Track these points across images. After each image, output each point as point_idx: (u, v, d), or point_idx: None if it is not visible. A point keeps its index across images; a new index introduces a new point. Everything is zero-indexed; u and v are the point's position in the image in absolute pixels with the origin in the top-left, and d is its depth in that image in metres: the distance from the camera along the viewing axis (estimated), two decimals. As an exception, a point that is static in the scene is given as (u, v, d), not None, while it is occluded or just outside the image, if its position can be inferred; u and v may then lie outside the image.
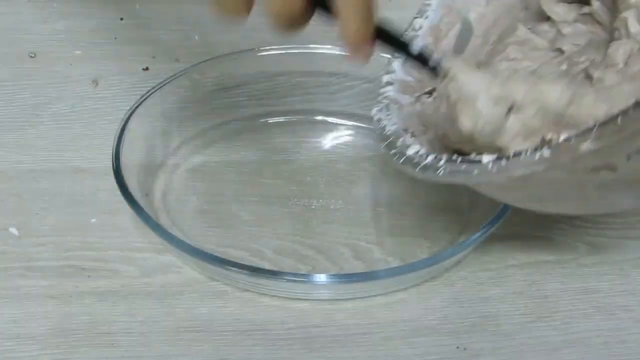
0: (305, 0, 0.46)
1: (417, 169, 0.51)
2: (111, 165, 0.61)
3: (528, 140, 0.50)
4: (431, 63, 0.47)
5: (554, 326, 0.57)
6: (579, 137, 0.46)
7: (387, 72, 0.57)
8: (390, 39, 0.46)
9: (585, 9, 0.61)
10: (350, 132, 0.72)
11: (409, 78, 0.57)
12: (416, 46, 0.47)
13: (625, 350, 0.56)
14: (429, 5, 0.60)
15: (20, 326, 0.56)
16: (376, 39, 0.45)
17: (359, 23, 0.44)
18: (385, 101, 0.55)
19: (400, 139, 0.53)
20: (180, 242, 0.57)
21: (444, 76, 0.47)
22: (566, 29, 0.61)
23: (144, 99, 0.66)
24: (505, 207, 0.58)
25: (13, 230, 0.62)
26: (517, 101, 0.49)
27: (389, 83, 0.57)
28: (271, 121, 0.72)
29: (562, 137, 0.48)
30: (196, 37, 0.82)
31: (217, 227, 0.63)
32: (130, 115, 0.65)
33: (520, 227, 0.62)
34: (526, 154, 0.47)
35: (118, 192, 0.59)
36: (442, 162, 0.50)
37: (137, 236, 0.62)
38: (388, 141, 0.53)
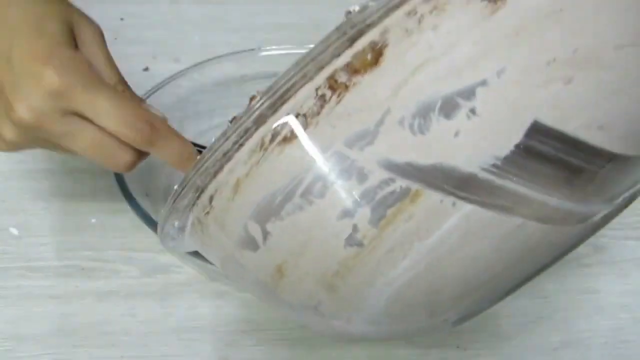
0: (132, 159, 0.51)
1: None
2: (111, 165, 0.61)
3: None
4: None
5: (554, 326, 0.57)
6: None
7: None
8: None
9: None
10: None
11: None
12: None
13: (625, 351, 0.57)
14: None
15: (20, 326, 0.56)
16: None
17: (186, 158, 0.54)
18: None
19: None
20: (180, 242, 0.57)
21: None
22: None
23: (144, 99, 0.66)
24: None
25: (13, 230, 0.62)
26: None
27: None
28: (271, 121, 0.72)
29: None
30: (196, 37, 0.82)
31: (217, 227, 0.63)
32: (130, 115, 0.64)
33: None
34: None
35: (118, 192, 0.59)
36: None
37: (137, 236, 0.61)
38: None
